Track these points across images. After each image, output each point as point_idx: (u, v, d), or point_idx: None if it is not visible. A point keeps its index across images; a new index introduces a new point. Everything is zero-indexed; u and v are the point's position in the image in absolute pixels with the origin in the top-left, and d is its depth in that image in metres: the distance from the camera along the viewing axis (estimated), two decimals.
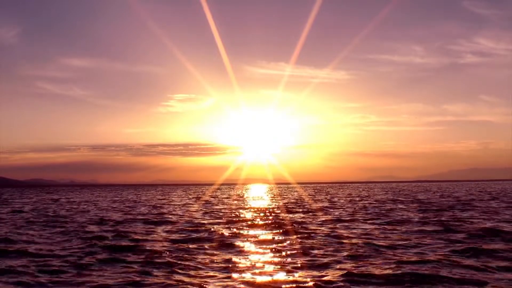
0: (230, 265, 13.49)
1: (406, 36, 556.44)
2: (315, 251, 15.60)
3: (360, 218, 27.44)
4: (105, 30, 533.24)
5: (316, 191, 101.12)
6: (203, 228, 22.75)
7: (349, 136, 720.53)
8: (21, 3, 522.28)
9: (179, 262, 14.07)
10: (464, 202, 43.79)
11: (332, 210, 35.03)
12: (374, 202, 45.99)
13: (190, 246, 17.08)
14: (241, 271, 12.67)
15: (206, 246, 16.93)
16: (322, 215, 30.61)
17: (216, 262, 14.09)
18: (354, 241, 17.67)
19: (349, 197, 62.29)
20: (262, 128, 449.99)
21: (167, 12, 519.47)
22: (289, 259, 14.26)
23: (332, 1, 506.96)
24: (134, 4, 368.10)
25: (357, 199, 55.22)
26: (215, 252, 15.82)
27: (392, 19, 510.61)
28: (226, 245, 17.29)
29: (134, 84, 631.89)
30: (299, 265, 13.43)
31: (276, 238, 19.19)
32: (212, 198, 63.15)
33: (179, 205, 46.82)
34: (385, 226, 22.70)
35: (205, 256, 15.07)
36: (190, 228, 22.93)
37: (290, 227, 22.83)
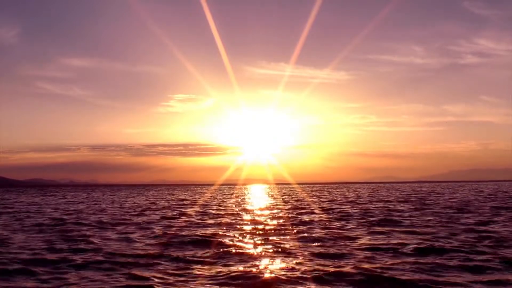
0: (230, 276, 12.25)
1: (406, 36, 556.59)
2: None
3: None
4: (105, 30, 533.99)
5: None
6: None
7: (349, 136, 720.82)
8: (21, 3, 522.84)
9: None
10: None
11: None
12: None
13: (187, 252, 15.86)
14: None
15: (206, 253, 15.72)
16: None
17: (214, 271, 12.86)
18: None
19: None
20: (262, 128, 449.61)
21: (167, 12, 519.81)
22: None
23: (332, 1, 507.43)
24: (134, 4, 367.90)
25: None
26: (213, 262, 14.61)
27: (392, 19, 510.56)
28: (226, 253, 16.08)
29: (134, 84, 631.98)
30: None
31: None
32: (211, 200, 61.99)
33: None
34: None
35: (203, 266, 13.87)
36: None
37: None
